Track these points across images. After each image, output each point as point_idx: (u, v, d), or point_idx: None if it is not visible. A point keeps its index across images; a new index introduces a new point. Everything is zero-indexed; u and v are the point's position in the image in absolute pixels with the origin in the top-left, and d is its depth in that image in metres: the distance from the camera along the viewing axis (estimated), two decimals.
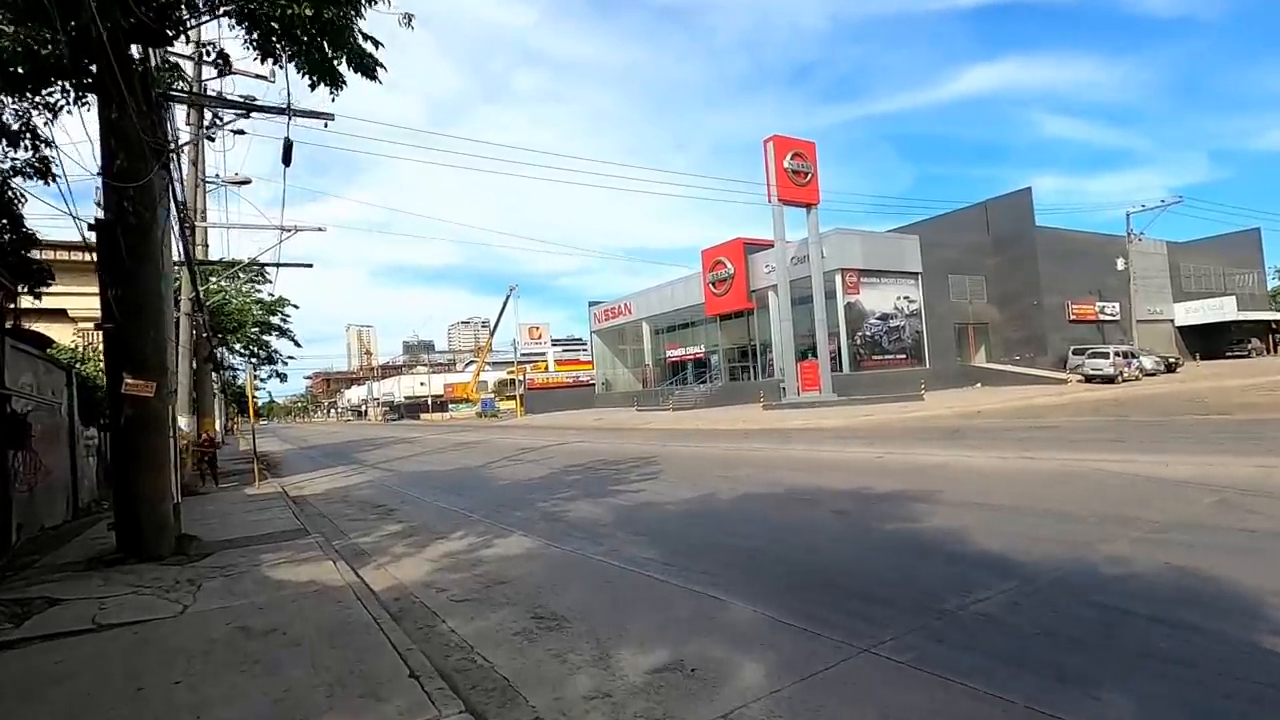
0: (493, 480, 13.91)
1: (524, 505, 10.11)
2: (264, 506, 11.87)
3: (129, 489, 7.59)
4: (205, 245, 19.93)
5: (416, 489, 13.59)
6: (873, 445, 13.89)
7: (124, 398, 7.57)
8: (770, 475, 10.78)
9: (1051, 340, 40.08)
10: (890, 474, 9.81)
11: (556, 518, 8.80)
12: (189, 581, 6.15)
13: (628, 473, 12.81)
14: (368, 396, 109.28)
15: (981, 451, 11.36)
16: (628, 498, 9.85)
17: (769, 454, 14.11)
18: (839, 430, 19.26)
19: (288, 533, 8.88)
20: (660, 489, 10.39)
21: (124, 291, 7.63)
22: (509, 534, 8.02)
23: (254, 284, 23.89)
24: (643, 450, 17.15)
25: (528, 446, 22.04)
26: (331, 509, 11.89)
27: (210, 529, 9.59)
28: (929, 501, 7.56)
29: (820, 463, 11.93)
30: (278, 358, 28.73)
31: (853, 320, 35.53)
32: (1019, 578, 4.70)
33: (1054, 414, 18.80)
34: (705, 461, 13.71)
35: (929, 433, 15.88)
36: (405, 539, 8.33)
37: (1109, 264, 44.64)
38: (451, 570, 6.45)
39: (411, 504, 11.60)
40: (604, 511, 8.90)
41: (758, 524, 7.37)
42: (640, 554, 6.39)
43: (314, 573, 6.22)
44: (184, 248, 12.15)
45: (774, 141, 32.82)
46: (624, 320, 52.97)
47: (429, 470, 17.34)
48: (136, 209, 7.74)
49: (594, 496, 10.24)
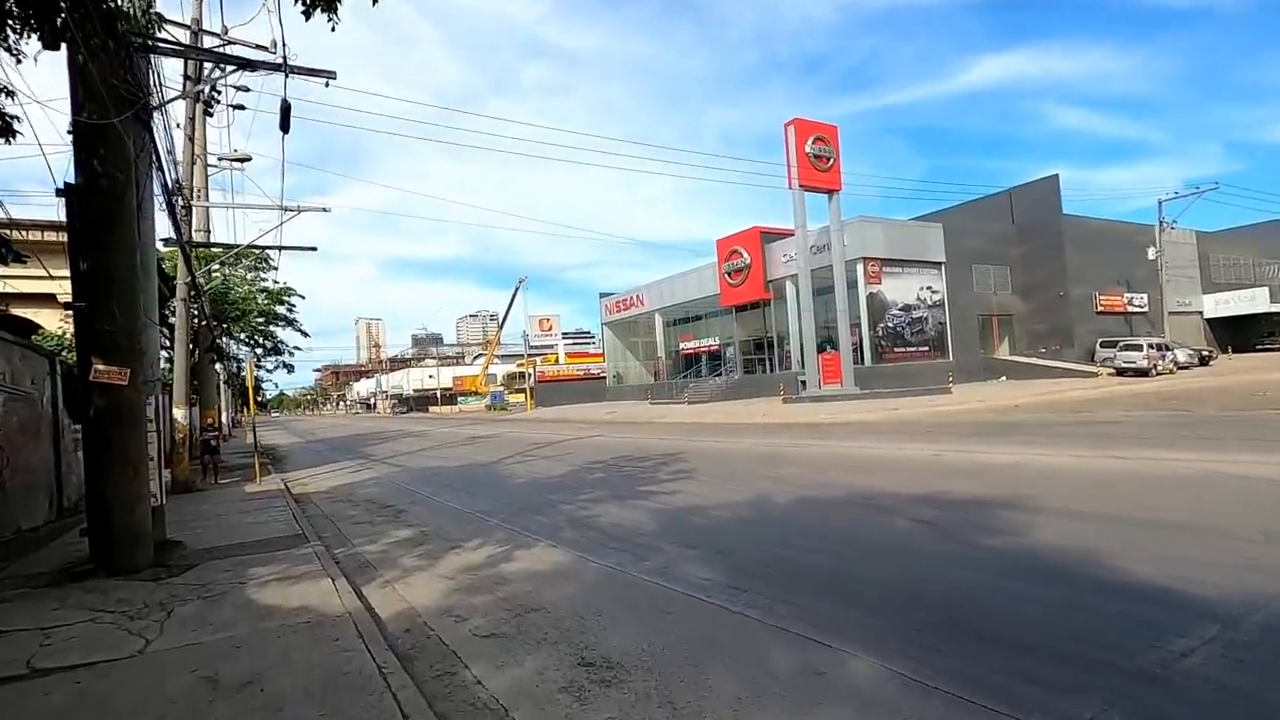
0: (508, 478, 12.90)
1: (546, 508, 9.08)
2: (262, 506, 10.90)
3: (100, 492, 6.60)
4: (207, 230, 19.01)
5: (426, 487, 12.59)
6: (921, 441, 12.79)
7: (93, 386, 6.58)
8: (820, 475, 9.71)
9: (1078, 332, 38.71)
10: (958, 475, 8.72)
11: (586, 523, 7.76)
12: (160, 605, 5.15)
13: (656, 471, 11.76)
14: (376, 389, 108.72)
15: (1054, 449, 10.22)
16: (663, 500, 8.80)
17: (808, 450, 13.02)
18: (873, 425, 18.16)
19: (284, 539, 7.88)
20: (698, 490, 9.34)
21: (92, 264, 6.63)
22: (534, 543, 6.99)
23: (258, 271, 22.90)
24: (667, 446, 16.10)
25: (542, 441, 21.03)
26: (335, 509, 10.91)
27: (199, 533, 8.62)
28: (1024, 510, 6.48)
29: (871, 461, 10.84)
30: (284, 349, 27.78)
31: (874, 311, 34.29)
32: (1214, 619, 3.62)
33: (1100, 409, 17.61)
34: (740, 458, 12.64)
35: (977, 428, 14.74)
36: (416, 548, 7.32)
37: (1137, 254, 43.21)
38: (472, 591, 5.42)
39: (422, 504, 10.60)
40: (640, 517, 7.85)
41: (830, 536, 6.29)
42: (697, 573, 5.34)
43: (309, 595, 5.20)
44: (175, 226, 11.17)
45: (795, 125, 31.58)
46: (636, 312, 51.85)
47: (439, 466, 16.36)
48: (107, 169, 6.72)
49: (624, 499, 9.20)
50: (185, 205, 14.03)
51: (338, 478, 15.93)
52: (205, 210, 17.47)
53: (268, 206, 14.87)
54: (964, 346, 36.93)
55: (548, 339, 65.49)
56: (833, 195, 32.40)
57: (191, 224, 14.18)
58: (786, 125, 31.73)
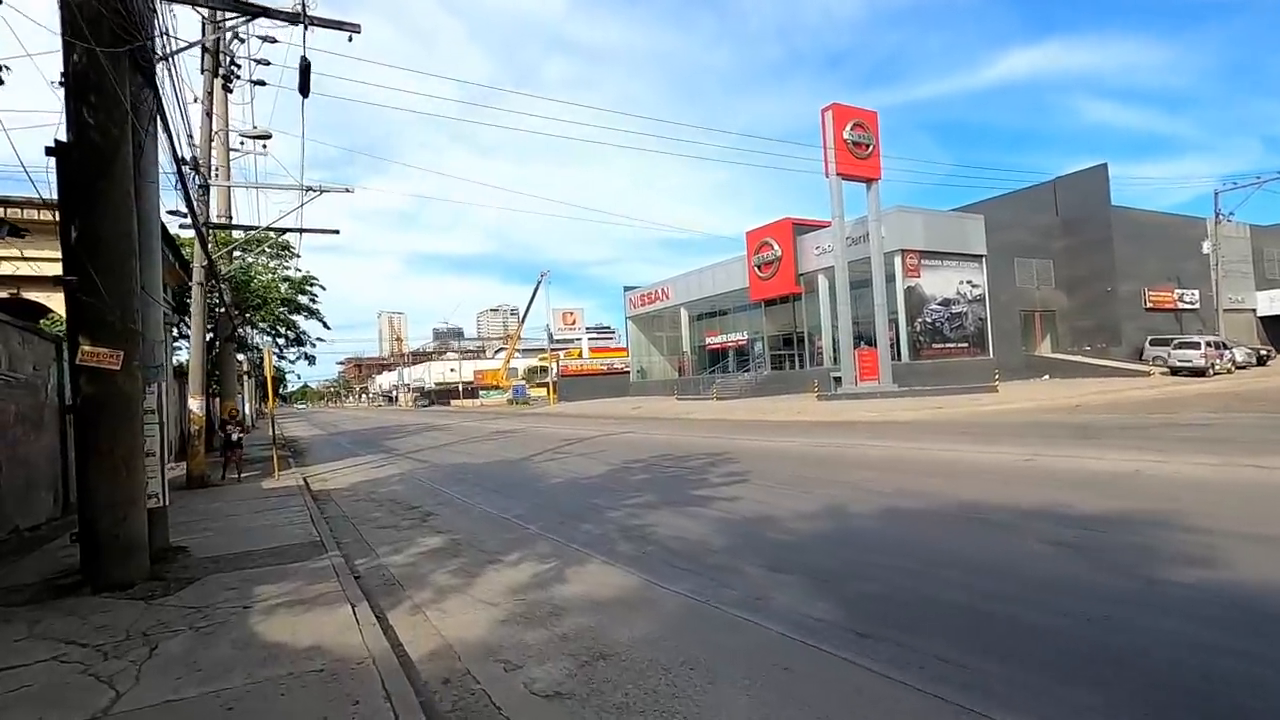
0: (542, 478, 11.91)
1: (591, 514, 8.07)
2: (279, 505, 10.04)
3: (88, 494, 5.71)
4: (229, 215, 18.29)
5: (454, 486, 11.66)
6: (1002, 444, 11.57)
7: (80, 371, 5.69)
8: (898, 481, 8.58)
9: (1125, 330, 36.89)
10: (1070, 485, 7.55)
11: (642, 535, 6.74)
12: (144, 636, 4.21)
13: (705, 473, 10.71)
14: (399, 382, 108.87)
15: (1165, 455, 8.96)
16: (724, 508, 7.75)
17: (870, 452, 11.88)
18: (929, 425, 16.91)
19: (300, 547, 6.96)
20: (761, 496, 8.27)
21: (81, 230, 5.72)
22: (585, 559, 5.98)
23: (281, 259, 22.19)
24: (709, 444, 15.03)
25: (572, 437, 20.06)
26: (356, 509, 10.01)
27: (207, 537, 7.74)
28: (1186, 530, 5.32)
29: (950, 465, 9.68)
30: (306, 339, 27.13)
31: (912, 306, 32.83)
32: None
33: (1174, 409, 16.21)
34: (795, 460, 11.53)
35: (1053, 430, 13.47)
36: (448, 560, 6.35)
37: (1187, 248, 41.21)
38: (522, 624, 4.42)
39: (450, 506, 9.65)
40: (704, 529, 6.80)
41: (948, 561, 5.19)
42: (802, 609, 4.29)
43: (324, 627, 4.24)
44: (187, 201, 10.32)
45: (833, 110, 30.26)
46: (661, 306, 50.73)
47: (466, 463, 15.45)
48: (100, 121, 5.80)
49: (678, 505, 8.15)
50: (203, 185, 13.24)
51: (359, 473, 15.10)
52: (227, 193, 16.73)
53: (288, 186, 14.04)
54: (1005, 343, 35.35)
55: (571, 333, 64.66)
56: (871, 184, 31.06)
57: (209, 205, 13.38)
58: (824, 110, 30.42)
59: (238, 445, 14.17)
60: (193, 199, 11.08)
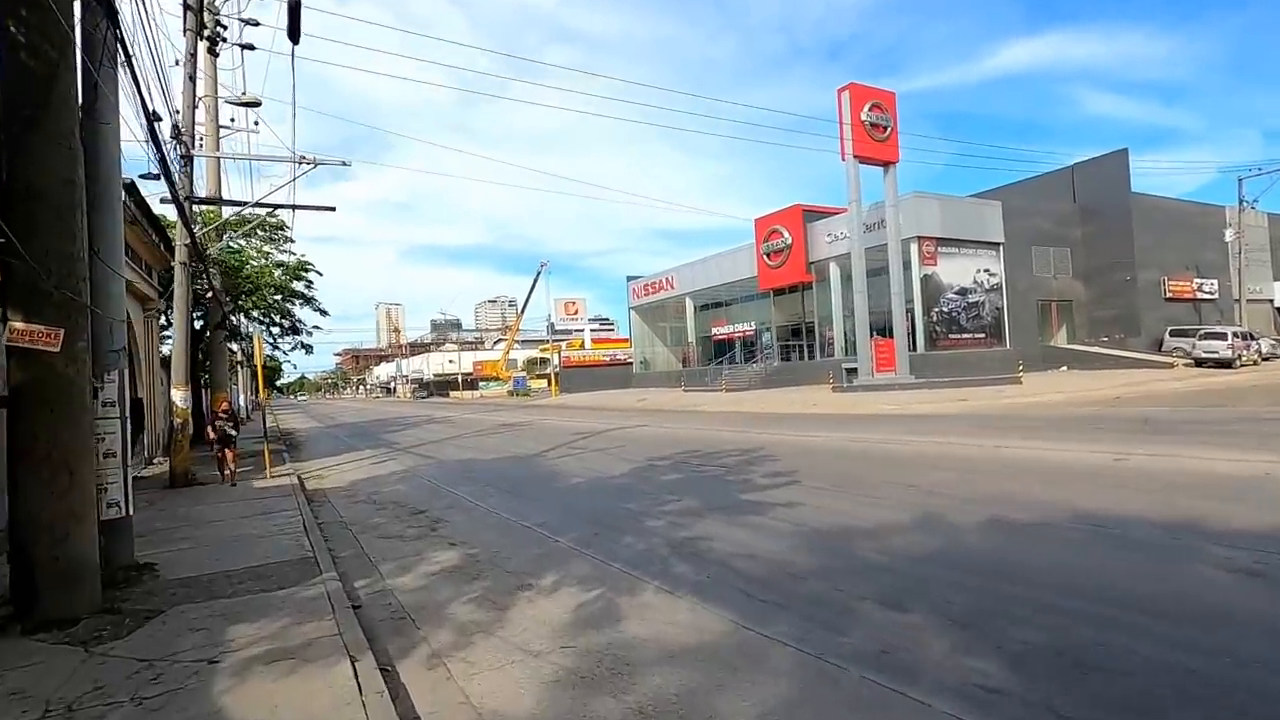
0: (560, 477, 10.80)
1: (627, 523, 6.96)
2: (269, 509, 8.92)
3: (19, 507, 4.57)
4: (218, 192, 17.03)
5: (463, 486, 10.54)
6: (1070, 441, 10.48)
7: (12, 354, 4.55)
8: (983, 486, 7.48)
9: (1145, 320, 35.82)
10: (1188, 491, 6.46)
11: (697, 551, 5.63)
12: (68, 711, 3.10)
13: (743, 472, 9.60)
14: (396, 374, 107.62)
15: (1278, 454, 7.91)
16: (784, 516, 6.65)
17: (924, 449, 10.78)
18: (965, 418, 15.81)
19: (289, 565, 5.84)
20: (823, 502, 7.17)
21: (10, 175, 4.56)
22: (637, 585, 4.87)
23: (274, 243, 20.96)
24: (736, 439, 13.92)
25: (583, 430, 18.94)
26: (356, 513, 8.88)
27: (182, 550, 6.62)
28: None
29: (1032, 467, 8.54)
30: (302, 328, 25.87)
31: (928, 295, 31.71)
32: None
33: (1226, 401, 15.15)
34: (839, 457, 10.42)
35: (1109, 424, 12.40)
36: (467, 584, 5.24)
37: (1205, 236, 40.23)
38: (580, 688, 3.30)
39: (461, 510, 8.53)
40: (772, 543, 5.69)
41: (1119, 598, 4.06)
42: (961, 672, 3.18)
43: (313, 699, 3.12)
44: (162, 165, 9.14)
45: (850, 90, 29.05)
46: (665, 295, 49.52)
47: (473, 459, 14.33)
48: (33, 40, 4.63)
49: (729, 512, 7.04)
50: (185, 155, 12.04)
51: (358, 470, 13.98)
52: (216, 172, 15.49)
53: (279, 158, 12.83)
54: (1022, 333, 34.27)
55: (573, 323, 63.42)
56: (889, 168, 29.91)
57: (193, 177, 12.17)
58: (840, 90, 29.21)
59: (230, 443, 12.45)
60: (170, 162, 9.89)
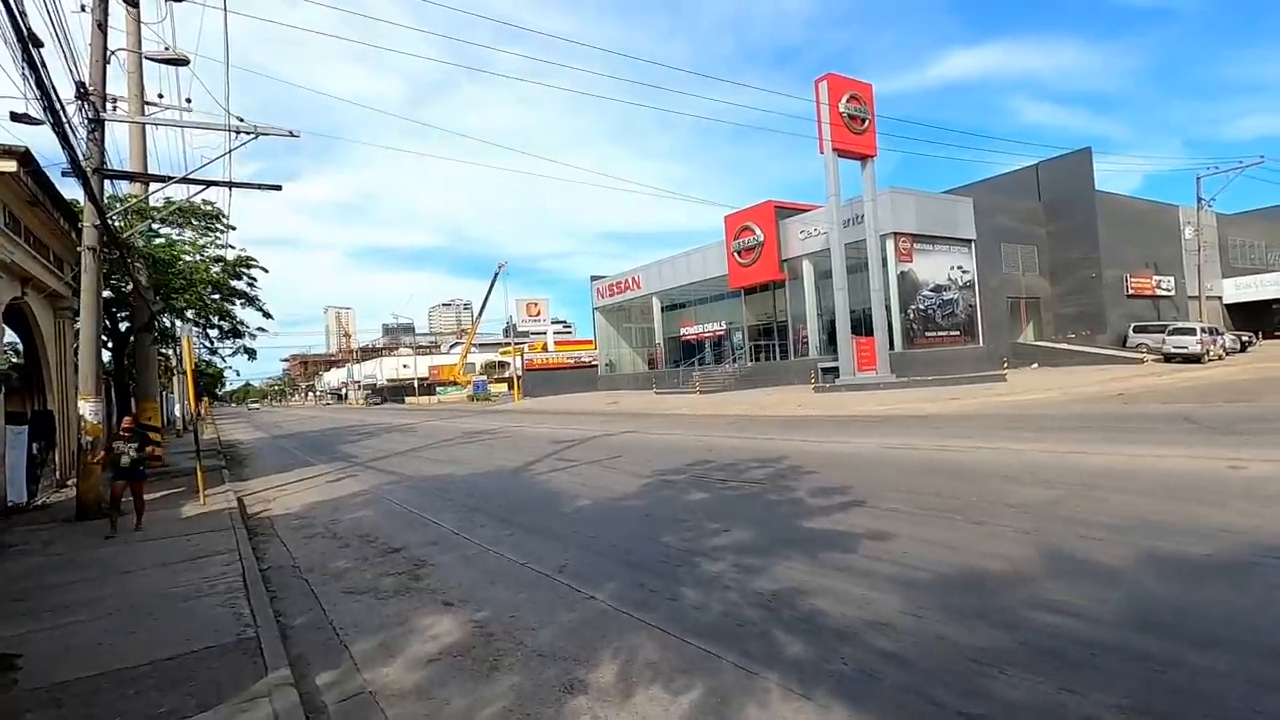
0: (559, 497, 9.23)
1: (676, 565, 5.49)
2: (199, 552, 7.13)
3: None
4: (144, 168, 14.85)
5: (445, 512, 8.90)
6: (1123, 444, 9.49)
7: None
8: (1110, 507, 6.26)
9: (1110, 317, 36.21)
10: None
11: (800, 614, 4.20)
12: None
13: (782, 488, 8.24)
14: (348, 379, 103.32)
15: None
16: (880, 552, 5.30)
17: (988, 457, 9.60)
18: (978, 418, 14.85)
19: (217, 655, 4.19)
20: (917, 531, 5.84)
21: None
22: (749, 683, 3.42)
23: (212, 233, 18.63)
24: (748, 447, 12.57)
25: (565, 438, 17.35)
26: (312, 554, 7.18)
27: (68, 626, 4.88)
28: None
29: (1135, 477, 7.36)
30: (244, 330, 23.31)
31: (905, 292, 31.17)
32: None
33: (1239, 395, 14.61)
34: (897, 469, 9.12)
35: (1151, 422, 11.54)
36: (484, 683, 3.69)
37: (1163, 234, 41.26)
38: None
39: (447, 547, 6.93)
40: (895, 600, 4.30)
41: None
42: None
43: None
44: (60, 136, 7.29)
45: (828, 81, 28.20)
46: (631, 295, 48.14)
47: (450, 475, 12.61)
48: None
49: (797, 546, 5.65)
50: (95, 119, 10.07)
51: (312, 490, 12.12)
52: (141, 139, 13.34)
53: (214, 125, 10.92)
54: (993, 331, 34.13)
55: (536, 324, 61.41)
56: (867, 161, 29.15)
57: (103, 144, 10.16)
58: (818, 82, 28.33)
59: (133, 474, 8.59)
60: (74, 127, 8.00)
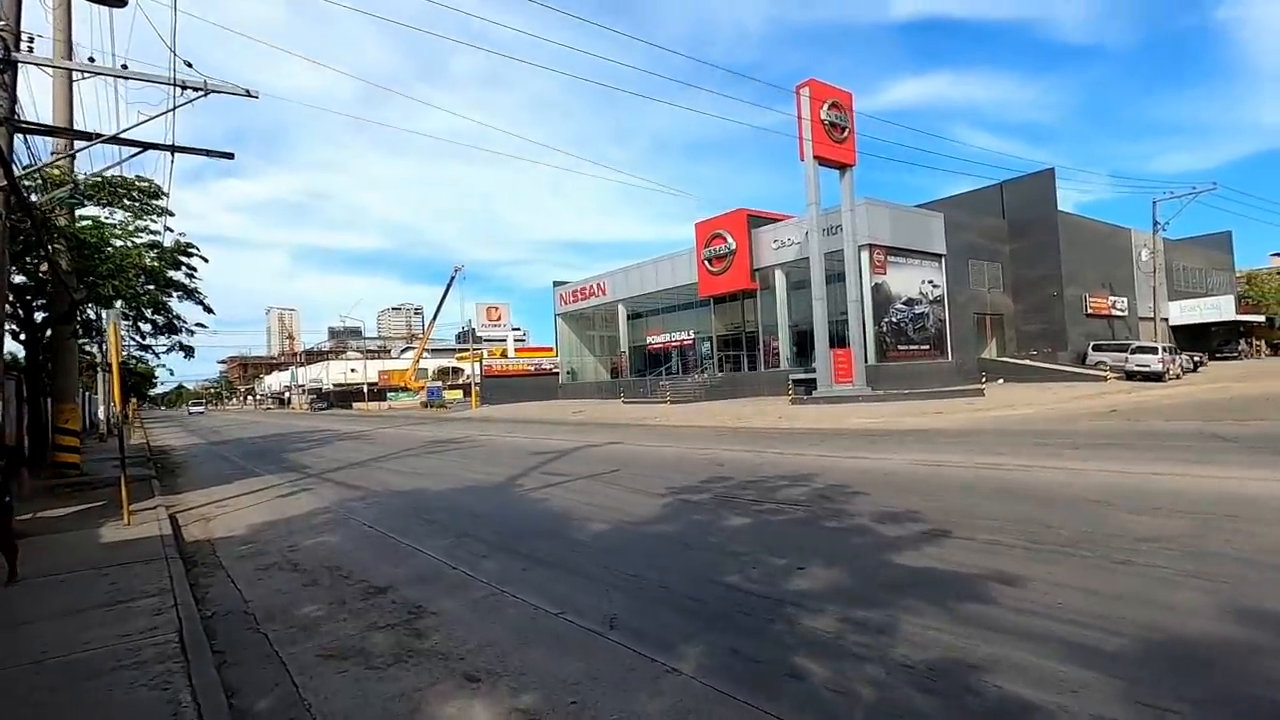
0: (566, 521, 7.91)
1: (763, 620, 4.29)
2: (117, 594, 5.57)
3: None
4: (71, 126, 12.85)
5: (430, 537, 7.48)
6: (1164, 463, 8.78)
7: None
8: (1263, 541, 5.39)
9: (1071, 335, 36.95)
10: None
11: (993, 705, 3.09)
12: None
13: (834, 512, 7.15)
14: (291, 383, 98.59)
15: None
16: (1025, 603, 4.22)
17: (1055, 477, 8.72)
18: (982, 433, 14.17)
19: None
20: (1052, 574, 4.80)
21: None
22: None
23: (147, 213, 16.52)
24: (765, 461, 11.46)
25: (545, 450, 15.94)
26: (270, 595, 5.69)
27: None
28: None
29: (1253, 504, 6.62)
30: (181, 326, 20.94)
31: (878, 304, 30.88)
32: None
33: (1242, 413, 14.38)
34: (956, 490, 8.11)
35: (1177, 440, 10.96)
36: None
37: (1117, 256, 42.57)
38: None
39: (443, 584, 5.57)
40: (1119, 683, 3.22)
41: None
42: None
43: None
44: None
45: (810, 87, 27.73)
46: (596, 302, 46.82)
47: (424, 490, 11.10)
48: None
49: (908, 593, 4.54)
50: (4, 59, 8.35)
51: (262, 506, 10.45)
52: (66, 93, 11.46)
53: (155, 78, 9.27)
54: (961, 346, 34.26)
55: (497, 330, 59.40)
56: (845, 170, 28.76)
57: (14, 90, 8.44)
58: (799, 88, 27.83)
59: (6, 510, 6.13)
60: None
